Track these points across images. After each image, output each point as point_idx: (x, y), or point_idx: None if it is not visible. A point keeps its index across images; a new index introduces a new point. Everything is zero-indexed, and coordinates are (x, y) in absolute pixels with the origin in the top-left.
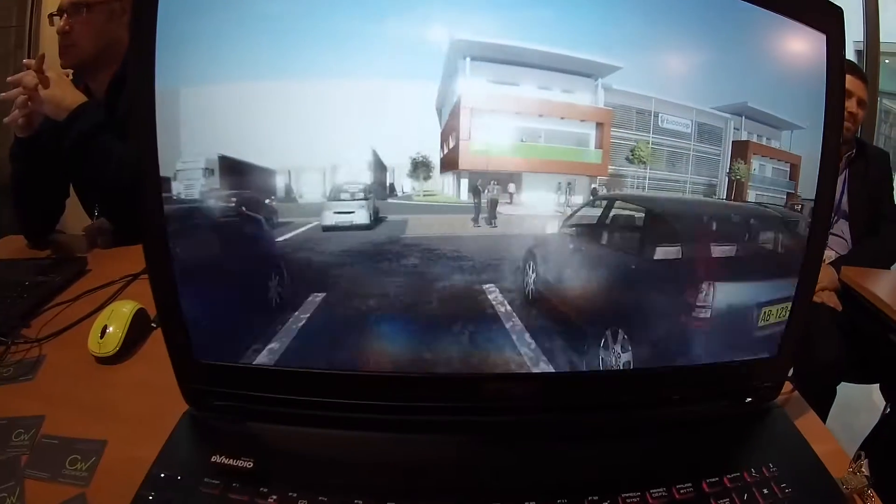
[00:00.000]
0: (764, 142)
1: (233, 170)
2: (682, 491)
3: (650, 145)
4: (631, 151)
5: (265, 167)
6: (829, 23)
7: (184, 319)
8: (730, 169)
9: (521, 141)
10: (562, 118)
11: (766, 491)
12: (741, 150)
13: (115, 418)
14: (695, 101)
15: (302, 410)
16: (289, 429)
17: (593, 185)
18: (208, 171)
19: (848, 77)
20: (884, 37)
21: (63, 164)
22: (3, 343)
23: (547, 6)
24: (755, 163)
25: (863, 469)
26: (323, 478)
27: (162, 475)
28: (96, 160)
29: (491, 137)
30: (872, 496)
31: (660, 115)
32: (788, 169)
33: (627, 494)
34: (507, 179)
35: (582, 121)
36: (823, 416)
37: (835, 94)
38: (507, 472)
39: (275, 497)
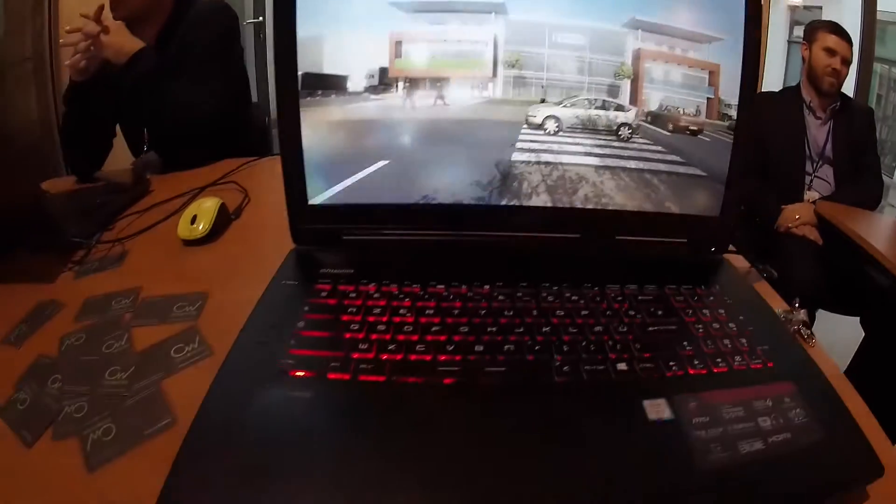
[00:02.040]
0: (678, 52)
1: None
2: (644, 291)
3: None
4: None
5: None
6: None
7: (302, 170)
8: (615, 73)
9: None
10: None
11: (711, 300)
12: (638, 57)
13: (212, 279)
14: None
15: (388, 235)
16: (378, 246)
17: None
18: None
19: (834, 37)
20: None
21: (113, 107)
22: (84, 244)
23: None
24: (658, 68)
25: (801, 312)
26: (405, 275)
27: (282, 282)
28: (154, 99)
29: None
30: (813, 339)
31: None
32: (707, 76)
33: (587, 285)
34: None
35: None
36: None
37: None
38: (510, 267)
39: (374, 284)
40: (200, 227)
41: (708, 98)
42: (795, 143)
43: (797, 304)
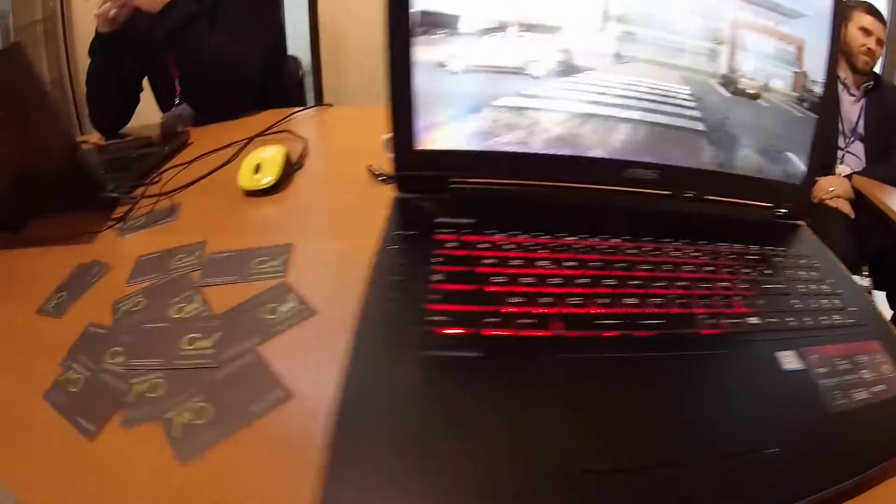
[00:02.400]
0: (771, 24)
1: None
2: (748, 250)
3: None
4: None
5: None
6: None
7: (410, 114)
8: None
9: None
10: None
11: (803, 262)
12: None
13: (288, 232)
14: None
15: (495, 184)
16: (485, 196)
17: None
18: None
19: (870, 17)
20: None
21: (142, 59)
22: (128, 199)
23: None
24: (752, 37)
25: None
26: (526, 225)
27: (396, 233)
28: (191, 46)
29: None
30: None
31: None
32: (795, 50)
33: (703, 242)
34: None
35: None
36: None
37: None
38: (619, 222)
39: (502, 234)
40: (267, 177)
41: (794, 72)
42: (829, 117)
43: (865, 273)
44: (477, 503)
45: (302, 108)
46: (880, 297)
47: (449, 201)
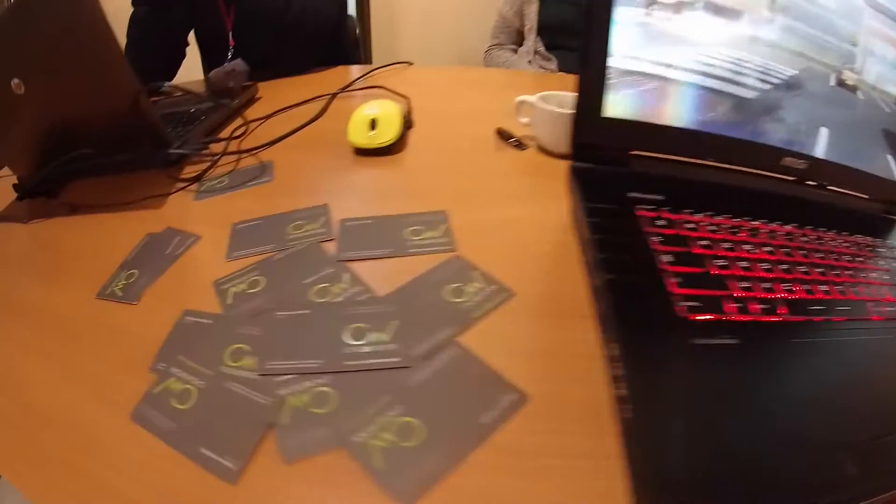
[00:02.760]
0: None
1: None
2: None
3: None
4: None
5: None
6: None
7: (603, 79)
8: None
9: None
10: None
11: None
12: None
13: (427, 195)
14: None
15: (685, 162)
16: (664, 172)
17: None
18: None
19: None
20: None
21: (191, 8)
22: (189, 155)
23: None
24: (880, 45)
25: None
26: (713, 205)
27: (591, 205)
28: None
29: None
30: None
31: None
32: None
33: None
34: None
35: None
36: None
37: None
38: (770, 200)
39: (703, 214)
40: (387, 135)
41: None
42: None
43: None
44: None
45: (382, 65)
46: None
47: (633, 175)
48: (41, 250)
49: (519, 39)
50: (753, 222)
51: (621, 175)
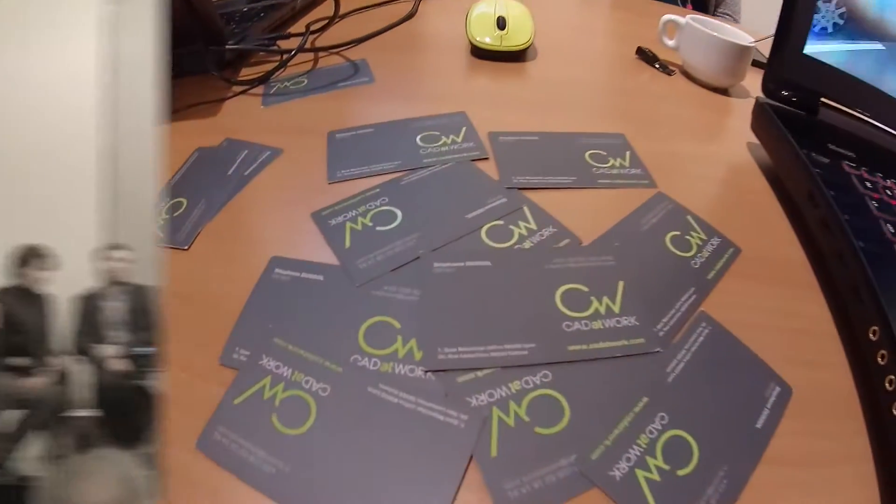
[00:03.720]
0: None
1: None
2: None
3: None
4: None
5: None
6: None
7: (811, 12)
8: None
9: None
10: None
11: None
12: None
13: (584, 113)
14: None
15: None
16: (849, 127)
17: None
18: None
19: None
20: None
21: None
22: (251, 51)
23: None
24: None
25: None
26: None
27: (810, 155)
28: None
29: None
30: None
31: None
32: None
33: None
34: None
35: None
36: None
37: None
38: None
39: (891, 181)
40: (523, 38)
41: None
42: None
43: None
44: None
45: None
46: None
47: (824, 125)
48: None
49: None
50: None
51: (816, 123)
